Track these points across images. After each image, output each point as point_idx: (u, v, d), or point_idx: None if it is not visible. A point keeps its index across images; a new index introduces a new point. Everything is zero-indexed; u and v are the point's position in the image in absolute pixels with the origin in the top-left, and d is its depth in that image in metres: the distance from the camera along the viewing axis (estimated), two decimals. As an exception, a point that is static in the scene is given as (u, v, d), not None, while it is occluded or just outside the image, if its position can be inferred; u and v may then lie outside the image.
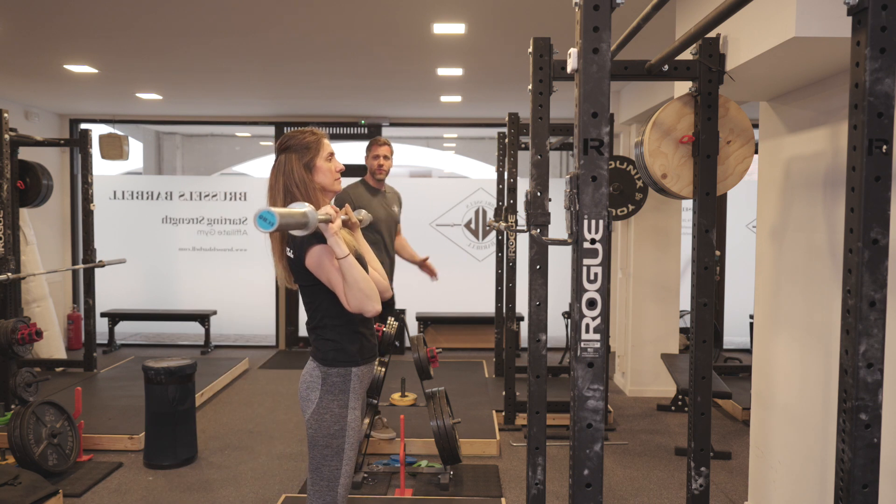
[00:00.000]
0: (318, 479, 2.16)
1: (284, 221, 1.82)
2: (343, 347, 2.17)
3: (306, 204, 1.96)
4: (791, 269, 2.87)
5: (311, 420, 2.16)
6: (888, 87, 1.43)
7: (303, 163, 2.16)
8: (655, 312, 5.74)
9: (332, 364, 2.17)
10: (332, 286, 2.08)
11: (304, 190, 2.14)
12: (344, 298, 2.06)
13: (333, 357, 2.17)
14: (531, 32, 3.35)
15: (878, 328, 1.48)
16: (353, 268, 2.03)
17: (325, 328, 2.18)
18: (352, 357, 2.18)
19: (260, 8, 3.73)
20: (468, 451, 4.22)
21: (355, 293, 2.03)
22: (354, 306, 2.05)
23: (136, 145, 9.84)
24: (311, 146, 2.18)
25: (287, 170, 2.15)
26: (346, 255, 2.02)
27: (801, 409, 2.78)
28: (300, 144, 2.18)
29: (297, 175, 2.15)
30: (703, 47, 2.63)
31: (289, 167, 2.15)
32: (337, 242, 2.01)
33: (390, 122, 7.58)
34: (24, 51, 4.75)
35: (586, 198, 1.36)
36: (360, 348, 2.21)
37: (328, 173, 2.20)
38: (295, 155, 2.16)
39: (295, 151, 2.17)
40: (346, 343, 2.17)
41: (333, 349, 2.17)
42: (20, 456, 3.69)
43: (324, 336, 2.18)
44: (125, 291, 7.64)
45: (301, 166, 2.16)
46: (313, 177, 2.17)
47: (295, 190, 2.14)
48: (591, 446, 1.38)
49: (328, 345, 2.17)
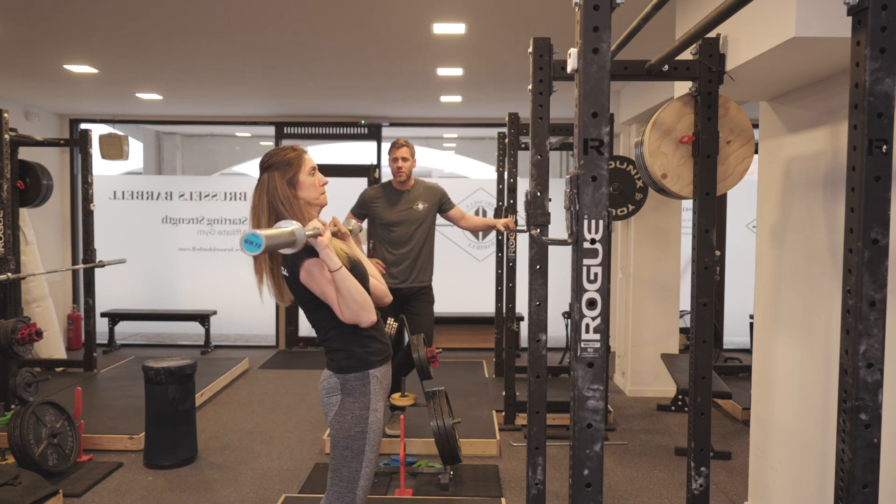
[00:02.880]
0: (338, 481, 2.17)
1: (271, 242, 1.81)
2: (355, 354, 2.17)
3: (293, 222, 1.95)
4: (791, 269, 2.87)
5: (334, 421, 2.17)
6: (888, 87, 1.43)
7: (286, 179, 2.16)
8: (655, 312, 5.74)
9: (347, 371, 2.17)
10: (326, 298, 2.08)
11: (290, 206, 2.14)
12: (338, 310, 2.07)
13: (347, 364, 2.17)
14: (531, 32, 3.35)
15: (878, 328, 1.48)
16: (347, 279, 2.03)
17: (333, 339, 2.18)
18: (366, 361, 2.18)
19: (260, 8, 3.73)
20: (468, 451, 4.22)
21: (349, 304, 2.04)
22: (348, 317, 2.06)
23: (136, 145, 9.83)
24: (292, 162, 2.18)
25: (271, 188, 2.15)
26: (339, 268, 2.02)
27: (801, 409, 2.78)
28: (282, 161, 2.18)
29: (281, 192, 2.14)
30: (703, 47, 2.63)
31: (272, 185, 2.15)
32: (329, 255, 2.01)
33: (390, 122, 7.58)
34: (24, 51, 4.75)
35: (586, 198, 1.36)
36: (373, 350, 2.20)
37: (312, 188, 2.20)
38: (278, 172, 2.16)
39: (277, 169, 2.17)
40: (356, 348, 2.17)
41: (346, 357, 2.17)
42: (20, 456, 3.69)
43: (334, 347, 2.19)
44: (125, 291, 7.64)
45: (284, 183, 2.15)
46: (297, 192, 2.17)
47: (280, 207, 2.14)
48: (591, 446, 1.38)
49: (340, 354, 2.18)
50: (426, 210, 4.36)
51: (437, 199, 4.41)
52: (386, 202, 4.33)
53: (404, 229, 4.32)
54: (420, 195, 4.37)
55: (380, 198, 4.35)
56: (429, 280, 4.44)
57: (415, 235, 4.33)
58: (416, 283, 4.36)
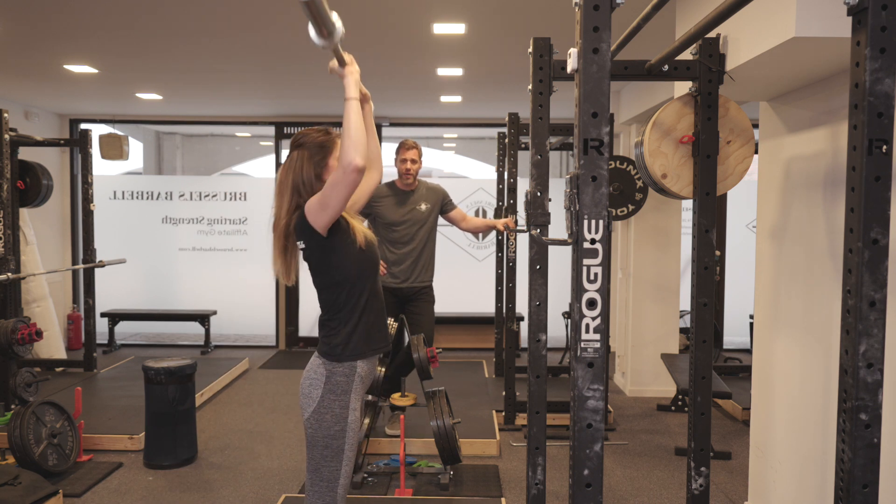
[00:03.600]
0: (318, 480, 2.16)
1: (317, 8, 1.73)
2: (351, 341, 2.17)
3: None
4: (791, 269, 2.87)
5: (311, 420, 2.15)
6: (888, 87, 1.44)
7: (313, 161, 2.16)
8: (655, 312, 5.74)
9: (338, 359, 2.16)
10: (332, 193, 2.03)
11: (310, 190, 2.14)
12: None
13: (341, 351, 2.16)
14: (531, 32, 3.35)
15: (878, 328, 1.48)
16: (355, 112, 2.03)
17: (337, 320, 2.17)
18: (359, 349, 2.18)
19: (260, 8, 3.73)
20: (468, 451, 4.22)
21: (345, 141, 2.00)
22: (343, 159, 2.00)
23: (136, 145, 9.84)
24: (324, 145, 2.18)
25: (297, 167, 2.15)
26: (353, 99, 2.04)
27: (801, 409, 2.78)
28: (313, 143, 2.18)
29: (306, 174, 2.14)
30: (703, 47, 2.63)
31: (299, 165, 2.15)
32: (350, 83, 2.05)
33: (390, 122, 7.58)
34: (24, 51, 4.75)
35: (586, 198, 1.36)
36: (370, 339, 2.20)
37: None
38: (307, 153, 2.16)
39: (308, 149, 2.17)
40: (355, 336, 2.17)
41: (342, 343, 2.16)
42: (20, 456, 3.69)
43: (335, 328, 2.17)
44: (125, 291, 7.64)
45: (311, 165, 2.15)
46: (323, 176, 2.17)
47: (301, 188, 2.14)
48: (591, 446, 1.38)
49: (337, 339, 2.17)
50: (429, 211, 4.37)
51: (440, 200, 4.42)
52: (390, 202, 4.34)
53: (407, 229, 4.33)
54: (423, 196, 4.38)
55: (385, 197, 4.35)
56: (430, 280, 4.44)
57: (417, 235, 4.34)
58: (416, 283, 4.36)
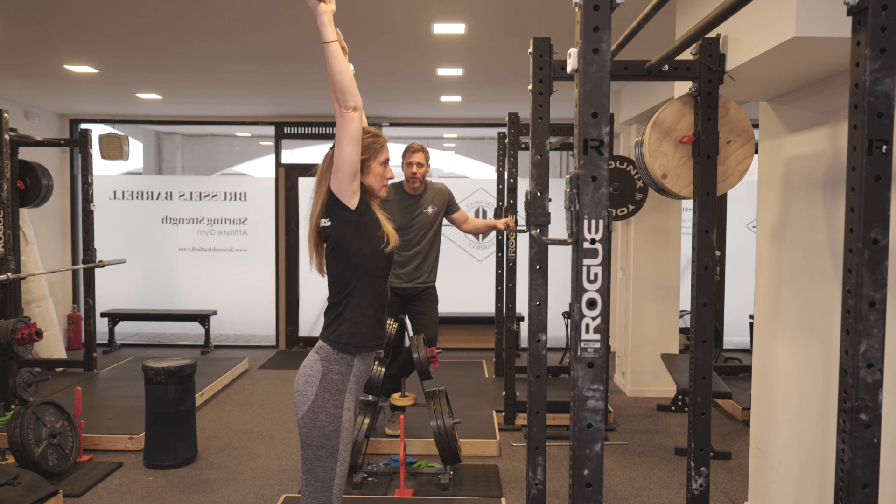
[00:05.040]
0: (313, 481, 2.16)
1: None
2: (356, 331, 2.16)
3: None
4: (791, 269, 2.87)
5: (305, 419, 2.14)
6: (888, 87, 1.43)
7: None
8: (655, 312, 5.74)
9: (343, 349, 2.15)
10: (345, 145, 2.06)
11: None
12: (334, 97, 2.07)
13: (347, 341, 2.16)
14: (531, 32, 3.35)
15: (878, 328, 1.48)
16: (338, 56, 2.03)
17: (344, 305, 2.17)
18: (360, 341, 2.17)
19: (260, 8, 3.73)
20: (468, 451, 4.22)
21: (335, 86, 2.02)
22: (341, 104, 2.04)
23: (136, 145, 9.84)
24: (370, 147, 2.19)
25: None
26: (332, 41, 2.03)
27: (801, 409, 2.78)
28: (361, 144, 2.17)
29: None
30: (703, 47, 2.63)
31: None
32: (324, 23, 2.02)
33: (390, 122, 7.58)
34: (24, 51, 4.75)
35: (586, 198, 1.36)
36: (371, 334, 2.20)
37: (378, 178, 2.20)
38: None
39: None
40: (359, 326, 2.17)
41: (348, 332, 2.16)
42: (20, 456, 3.69)
43: (342, 314, 2.17)
44: (125, 291, 7.64)
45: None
46: (363, 177, 2.17)
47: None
48: (591, 446, 1.38)
49: (343, 327, 2.16)
50: (435, 214, 4.35)
51: (446, 202, 4.39)
52: (397, 205, 4.28)
53: (413, 233, 4.30)
54: (430, 199, 4.34)
55: (392, 201, 4.30)
56: (433, 280, 4.43)
57: (423, 239, 4.32)
58: (421, 283, 4.35)
